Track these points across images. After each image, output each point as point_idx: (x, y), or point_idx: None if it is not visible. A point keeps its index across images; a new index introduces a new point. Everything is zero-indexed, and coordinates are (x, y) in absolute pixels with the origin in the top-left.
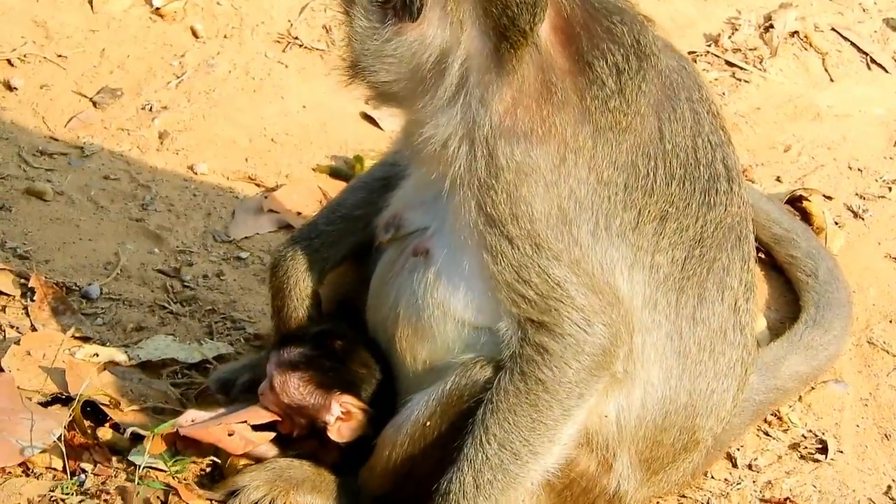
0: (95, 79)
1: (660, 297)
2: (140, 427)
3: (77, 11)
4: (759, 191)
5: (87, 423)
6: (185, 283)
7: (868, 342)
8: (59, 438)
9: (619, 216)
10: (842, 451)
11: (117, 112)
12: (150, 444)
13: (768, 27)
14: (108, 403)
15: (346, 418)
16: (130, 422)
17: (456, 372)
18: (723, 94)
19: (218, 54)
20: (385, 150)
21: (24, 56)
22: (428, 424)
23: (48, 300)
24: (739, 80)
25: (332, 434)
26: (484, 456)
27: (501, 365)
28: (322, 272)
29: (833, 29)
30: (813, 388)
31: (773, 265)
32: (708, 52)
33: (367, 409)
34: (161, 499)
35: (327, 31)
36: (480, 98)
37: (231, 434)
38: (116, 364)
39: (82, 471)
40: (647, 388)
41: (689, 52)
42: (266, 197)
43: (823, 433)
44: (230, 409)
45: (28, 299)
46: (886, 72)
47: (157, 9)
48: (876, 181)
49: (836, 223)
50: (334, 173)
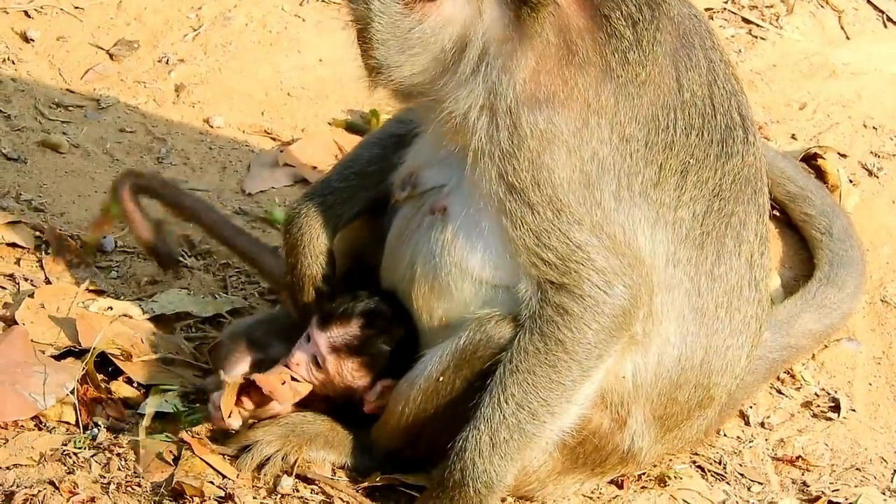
0: (112, 31)
1: (682, 254)
2: (155, 381)
3: None
4: (775, 148)
5: (100, 376)
6: (200, 237)
7: (881, 300)
8: (71, 392)
9: (640, 173)
10: (854, 410)
11: (133, 64)
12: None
13: None
14: (119, 356)
15: (383, 398)
16: (143, 374)
17: (470, 327)
18: (739, 51)
19: (235, 7)
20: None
21: (41, 7)
22: (441, 380)
23: (63, 253)
24: (756, 37)
25: (367, 409)
26: (501, 415)
27: (517, 320)
28: (336, 229)
29: None
30: (826, 347)
31: (788, 223)
32: (725, 9)
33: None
34: (174, 453)
35: None
36: (502, 67)
37: (283, 383)
38: (130, 317)
39: (95, 424)
40: (664, 347)
41: (707, 9)
42: (282, 151)
43: (836, 391)
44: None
45: (43, 252)
46: None
47: None
48: (891, 139)
49: (851, 181)
50: (350, 128)
